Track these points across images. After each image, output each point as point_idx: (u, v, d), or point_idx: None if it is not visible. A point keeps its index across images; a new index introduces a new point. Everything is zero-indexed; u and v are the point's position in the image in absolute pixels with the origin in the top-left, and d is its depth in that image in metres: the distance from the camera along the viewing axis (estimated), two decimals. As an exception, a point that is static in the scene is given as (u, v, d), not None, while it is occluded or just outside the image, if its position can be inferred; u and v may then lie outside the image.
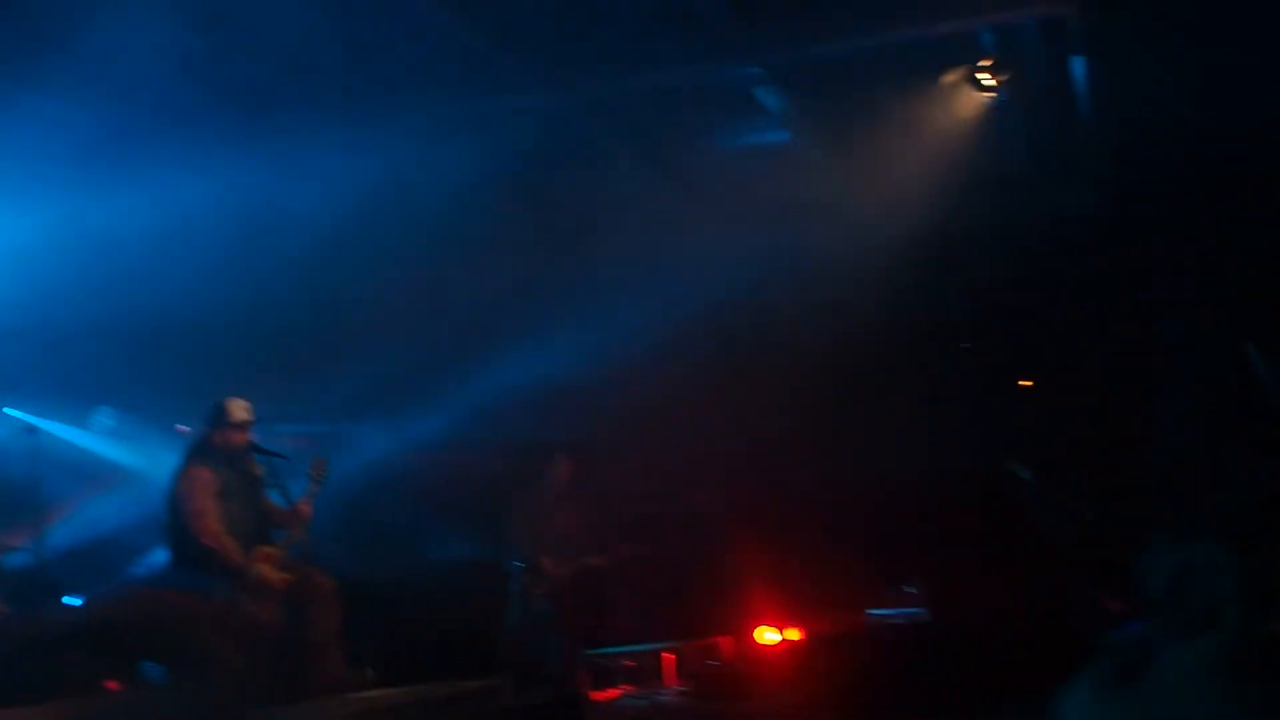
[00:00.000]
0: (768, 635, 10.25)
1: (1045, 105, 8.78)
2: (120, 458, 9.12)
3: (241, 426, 6.44)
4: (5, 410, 8.78)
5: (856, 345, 10.94)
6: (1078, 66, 7.97)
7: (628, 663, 9.76)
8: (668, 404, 10.96)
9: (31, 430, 8.43)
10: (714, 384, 11.44)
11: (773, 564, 10.46)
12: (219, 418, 6.49)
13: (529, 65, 7.83)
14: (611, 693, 9.47)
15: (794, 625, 10.26)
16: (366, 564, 9.73)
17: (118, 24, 6.26)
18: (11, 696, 6.78)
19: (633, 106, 8.67)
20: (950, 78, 8.30)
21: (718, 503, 10.91)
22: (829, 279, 10.52)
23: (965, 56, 8.13)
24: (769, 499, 11.04)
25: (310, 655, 6.30)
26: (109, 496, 8.65)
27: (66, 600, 8.16)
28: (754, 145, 9.59)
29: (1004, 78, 8.11)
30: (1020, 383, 12.14)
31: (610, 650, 9.75)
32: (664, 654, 9.70)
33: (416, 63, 7.60)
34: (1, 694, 6.70)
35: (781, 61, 7.95)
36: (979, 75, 8.16)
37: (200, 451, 6.53)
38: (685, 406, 11.09)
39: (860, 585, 10.36)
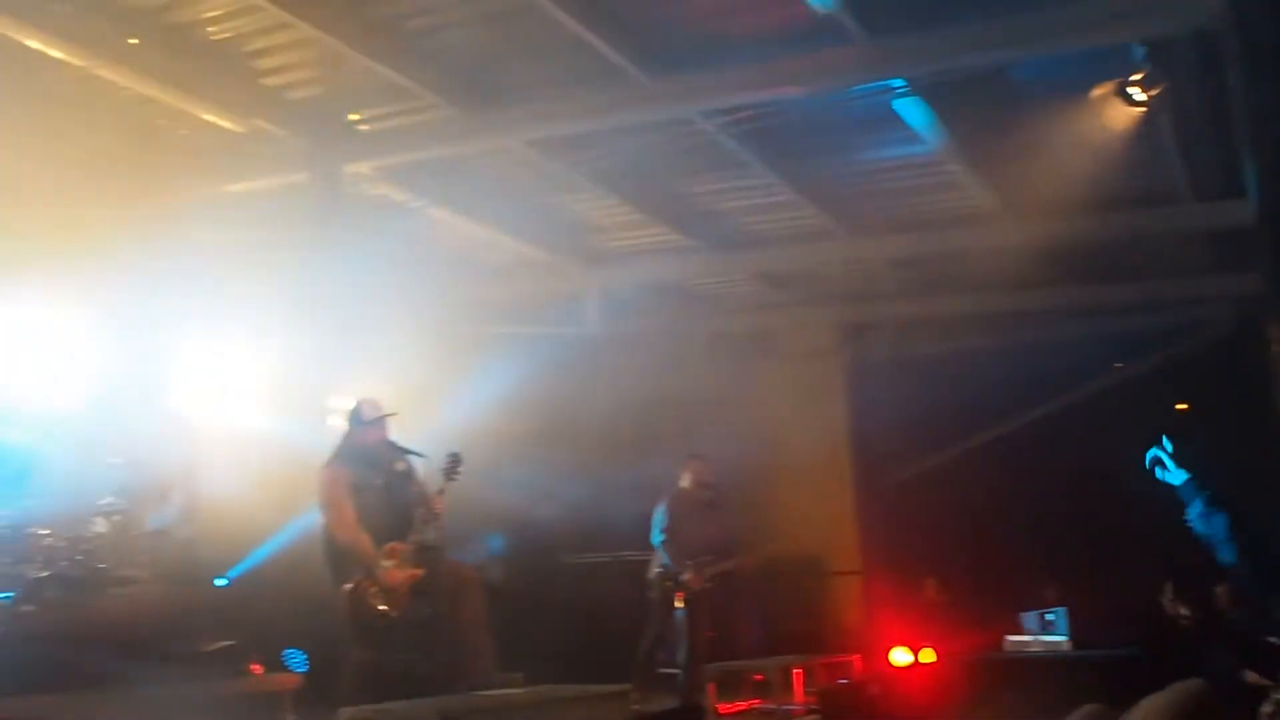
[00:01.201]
0: (900, 656, 10.12)
1: (1198, 119, 8.52)
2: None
3: (374, 424, 6.64)
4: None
5: (998, 358, 10.77)
6: (1232, 79, 7.71)
7: (756, 676, 9.73)
8: (796, 414, 10.96)
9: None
10: (846, 394, 11.40)
11: (907, 582, 10.32)
12: (354, 417, 6.72)
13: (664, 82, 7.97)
14: (739, 705, 9.45)
15: (928, 647, 10.10)
16: (510, 565, 9.93)
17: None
18: (159, 674, 7.15)
19: (771, 121, 8.69)
20: (1100, 91, 8.11)
21: (849, 517, 10.82)
22: (975, 292, 10.39)
23: (1116, 70, 7.94)
24: (903, 514, 10.90)
25: (457, 648, 6.42)
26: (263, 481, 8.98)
27: (217, 581, 8.54)
28: (895, 159, 9.54)
29: (1156, 91, 7.89)
30: (1176, 406, 11.77)
31: (739, 662, 9.73)
32: (793, 669, 9.64)
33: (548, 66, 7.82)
34: (149, 671, 7.09)
35: (921, 75, 7.89)
36: (1130, 89, 7.95)
37: (340, 450, 6.77)
38: (814, 415, 11.07)
39: (999, 608, 10.14)
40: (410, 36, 7.72)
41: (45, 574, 7.16)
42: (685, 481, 9.72)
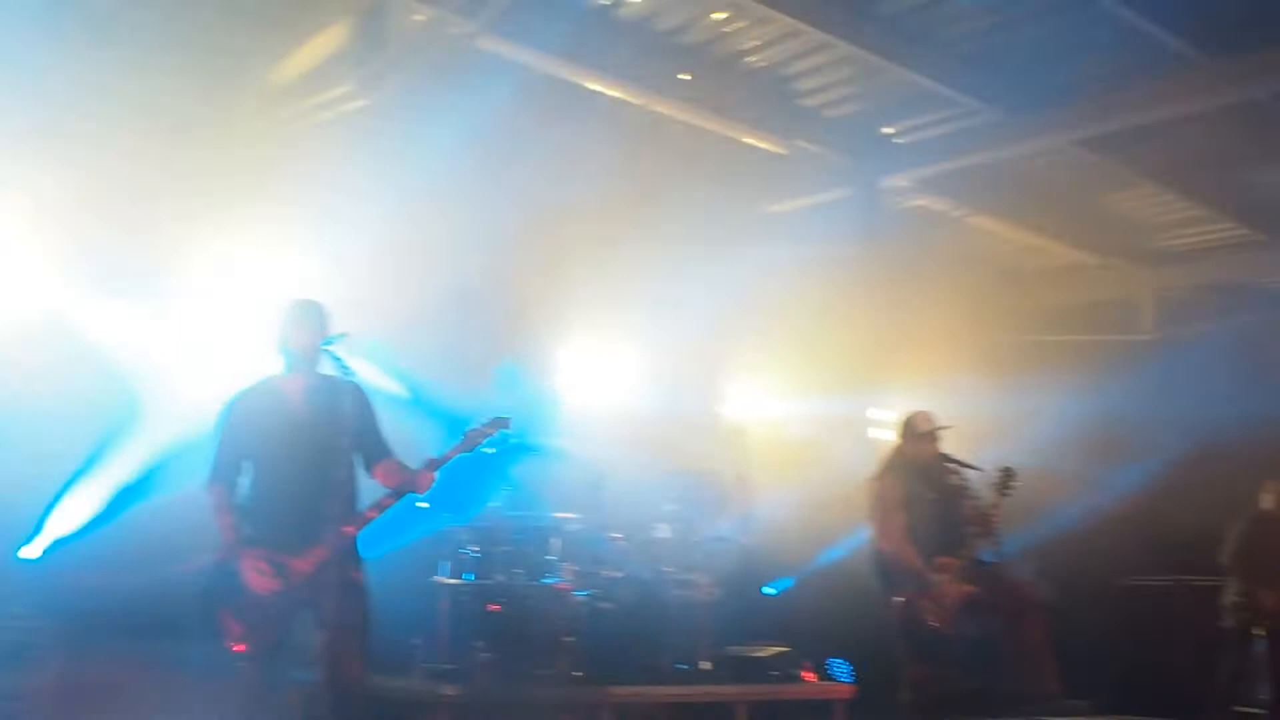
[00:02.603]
0: None
1: None
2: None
3: (926, 438, 6.55)
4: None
5: None
6: None
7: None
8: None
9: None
10: None
11: None
12: (905, 430, 6.67)
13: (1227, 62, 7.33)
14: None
15: None
16: (1061, 585, 9.44)
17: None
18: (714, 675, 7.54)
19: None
20: None
21: None
22: None
23: None
24: None
25: (1018, 669, 6.21)
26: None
27: (765, 589, 8.85)
28: None
29: None
30: None
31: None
32: None
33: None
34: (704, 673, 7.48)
35: None
36: None
37: (889, 463, 6.75)
38: None
39: None
40: (951, 43, 7.63)
41: (619, 574, 7.76)
42: (1267, 501, 8.79)
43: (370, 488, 4.87)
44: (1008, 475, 6.48)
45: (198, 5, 7.01)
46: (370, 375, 7.50)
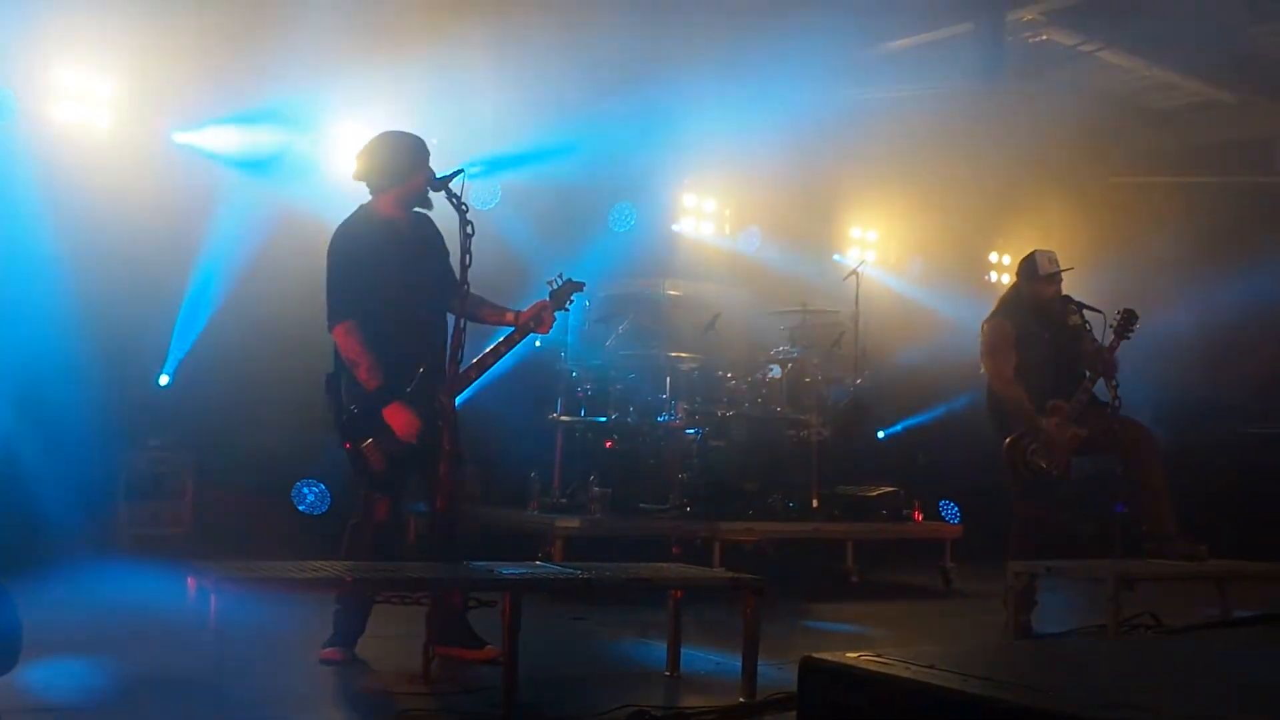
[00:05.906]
0: None
1: None
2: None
3: (1048, 279, 6.40)
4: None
5: None
6: None
7: None
8: None
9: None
10: None
11: None
12: (1026, 269, 6.51)
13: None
14: None
15: None
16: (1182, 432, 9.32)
17: None
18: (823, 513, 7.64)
19: None
20: None
21: None
22: None
23: None
24: None
25: (1130, 509, 6.15)
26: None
27: (877, 433, 8.89)
28: None
29: None
30: None
31: None
32: None
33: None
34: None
35: None
36: None
37: (1006, 302, 6.61)
38: None
39: None
40: None
41: (730, 414, 7.85)
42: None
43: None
44: (1129, 318, 6.33)
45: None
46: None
